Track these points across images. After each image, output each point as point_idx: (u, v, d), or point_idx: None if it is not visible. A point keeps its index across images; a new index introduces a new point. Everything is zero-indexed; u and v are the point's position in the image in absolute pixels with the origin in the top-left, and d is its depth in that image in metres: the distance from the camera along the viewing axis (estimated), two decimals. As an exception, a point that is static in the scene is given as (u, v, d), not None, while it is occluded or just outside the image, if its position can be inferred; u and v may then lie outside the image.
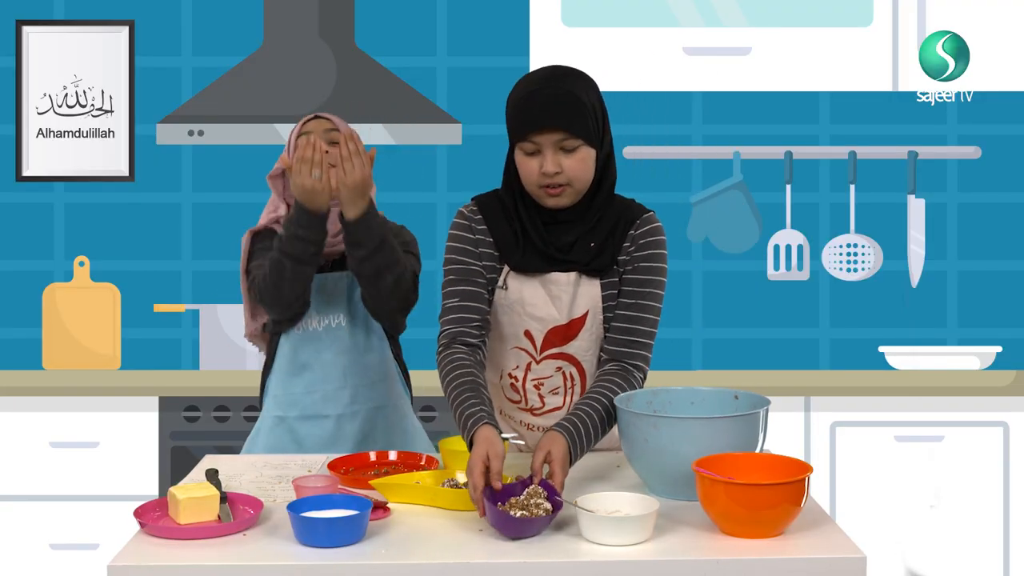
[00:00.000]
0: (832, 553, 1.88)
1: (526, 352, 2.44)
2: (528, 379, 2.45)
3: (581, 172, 2.30)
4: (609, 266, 2.39)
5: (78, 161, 4.33)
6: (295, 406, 2.74)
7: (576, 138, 2.26)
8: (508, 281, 2.41)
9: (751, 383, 3.91)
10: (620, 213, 2.40)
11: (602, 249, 2.37)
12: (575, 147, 2.27)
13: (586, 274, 2.38)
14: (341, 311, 2.74)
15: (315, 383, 2.74)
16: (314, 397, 2.74)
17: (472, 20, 4.35)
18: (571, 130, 2.25)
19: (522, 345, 2.43)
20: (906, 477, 3.86)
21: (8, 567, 3.84)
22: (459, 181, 4.34)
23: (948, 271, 4.38)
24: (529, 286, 2.39)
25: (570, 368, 2.44)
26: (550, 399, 2.46)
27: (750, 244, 4.30)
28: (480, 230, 2.42)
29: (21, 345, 4.35)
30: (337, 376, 2.74)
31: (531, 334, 2.42)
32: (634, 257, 2.39)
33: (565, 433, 2.17)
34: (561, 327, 2.40)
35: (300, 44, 4.17)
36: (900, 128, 4.34)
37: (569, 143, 2.26)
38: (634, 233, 2.39)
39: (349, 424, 2.74)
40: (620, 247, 2.39)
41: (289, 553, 1.89)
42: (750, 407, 2.26)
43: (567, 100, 2.26)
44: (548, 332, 2.41)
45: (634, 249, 2.39)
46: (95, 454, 3.88)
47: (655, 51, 4.00)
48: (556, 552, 1.88)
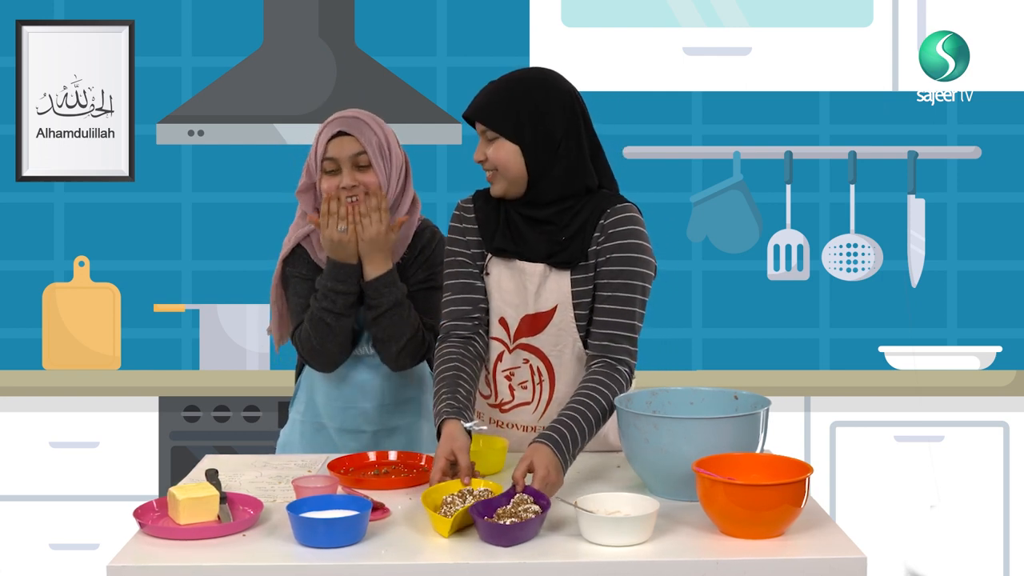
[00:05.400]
0: (832, 553, 1.88)
1: (500, 341, 2.46)
2: (499, 370, 2.47)
3: (502, 162, 2.39)
4: (577, 259, 2.39)
5: (78, 161, 4.33)
6: (335, 418, 2.73)
7: (492, 130, 2.39)
8: (490, 266, 2.46)
9: (751, 383, 3.91)
10: (593, 206, 2.42)
11: (571, 241, 2.39)
12: (493, 138, 2.40)
13: (554, 266, 2.40)
14: None
15: (353, 400, 2.71)
16: (351, 413, 2.72)
17: (472, 20, 4.35)
18: (486, 123, 2.39)
19: (496, 334, 2.47)
20: (906, 477, 3.86)
21: (8, 567, 3.85)
22: (459, 181, 4.34)
23: (948, 271, 4.38)
24: (506, 272, 2.44)
25: (537, 362, 2.44)
26: (519, 392, 2.47)
27: (750, 244, 4.30)
28: (469, 219, 2.50)
29: (21, 345, 4.35)
30: (374, 395, 2.71)
31: (505, 321, 2.45)
32: (606, 248, 2.38)
33: (548, 442, 2.17)
34: (529, 317, 2.43)
35: (300, 44, 4.17)
36: (900, 128, 4.34)
37: (490, 134, 2.40)
38: (604, 223, 2.39)
39: (387, 440, 2.73)
40: (590, 239, 2.39)
41: (289, 553, 1.89)
42: (750, 407, 2.26)
43: (493, 98, 2.40)
44: (520, 321, 2.44)
45: (604, 239, 2.39)
46: (95, 454, 3.88)
47: (655, 51, 4.00)
48: (555, 553, 1.88)
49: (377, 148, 2.61)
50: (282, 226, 4.22)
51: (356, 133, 2.60)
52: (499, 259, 2.45)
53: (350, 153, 2.60)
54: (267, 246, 4.29)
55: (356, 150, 2.60)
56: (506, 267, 2.44)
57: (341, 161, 2.59)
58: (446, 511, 2.00)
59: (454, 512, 1.97)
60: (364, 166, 2.60)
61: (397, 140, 2.69)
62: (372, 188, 2.59)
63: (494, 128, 2.38)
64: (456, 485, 2.10)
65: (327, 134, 2.61)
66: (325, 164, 2.60)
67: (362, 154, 2.60)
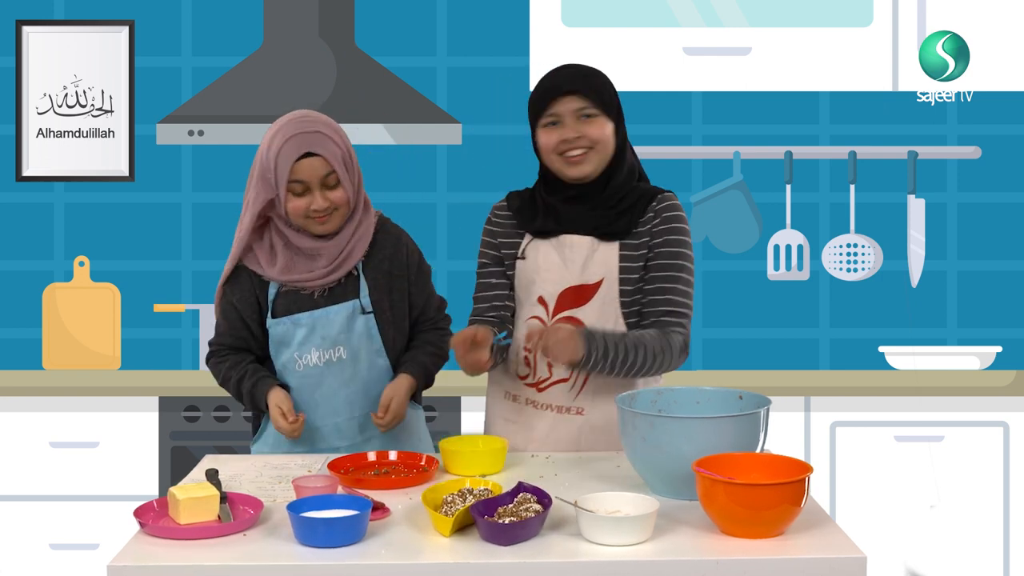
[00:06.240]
0: (832, 553, 1.88)
1: (539, 319, 2.52)
2: None
3: (601, 137, 2.45)
4: (626, 232, 2.47)
5: (78, 161, 4.33)
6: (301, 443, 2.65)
7: (594, 107, 2.43)
8: (526, 251, 2.53)
9: (751, 383, 3.91)
10: (640, 192, 2.53)
11: (619, 216, 2.48)
12: (594, 115, 2.44)
13: (602, 238, 2.47)
14: (341, 344, 2.64)
15: (323, 417, 2.65)
16: (324, 431, 2.66)
17: (472, 20, 4.35)
18: (589, 97, 2.43)
19: (535, 312, 2.52)
20: (906, 477, 3.86)
21: (8, 567, 3.85)
22: (459, 181, 4.34)
23: (948, 271, 4.38)
24: (544, 251, 2.51)
25: None
26: (557, 369, 2.51)
27: (750, 244, 4.30)
28: (502, 216, 2.60)
29: (21, 345, 4.35)
30: (343, 408, 2.66)
31: (544, 299, 2.51)
32: (660, 230, 2.48)
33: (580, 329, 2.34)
34: (573, 288, 2.49)
35: (300, 44, 4.18)
36: (900, 128, 4.34)
37: (588, 110, 2.43)
38: (656, 206, 2.49)
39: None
40: (637, 220, 2.48)
41: (289, 553, 1.89)
42: (753, 408, 2.26)
43: (585, 72, 2.47)
44: (560, 295, 2.49)
45: (659, 222, 2.49)
46: (95, 454, 3.88)
47: (655, 51, 4.00)
48: (556, 552, 1.88)
49: (342, 162, 2.55)
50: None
51: (323, 152, 2.52)
52: (539, 240, 2.52)
53: (320, 175, 2.53)
54: (267, 246, 4.30)
55: (325, 171, 2.53)
56: (548, 245, 2.52)
57: (310, 183, 2.53)
58: (446, 510, 2.00)
59: (455, 511, 1.97)
60: (333, 185, 2.55)
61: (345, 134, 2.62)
62: (340, 204, 2.56)
63: (598, 103, 2.43)
64: (456, 485, 2.11)
65: (290, 153, 2.51)
66: (293, 187, 2.54)
67: (331, 174, 2.54)
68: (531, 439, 2.55)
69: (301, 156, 2.52)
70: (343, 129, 2.63)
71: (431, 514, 1.97)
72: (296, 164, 2.52)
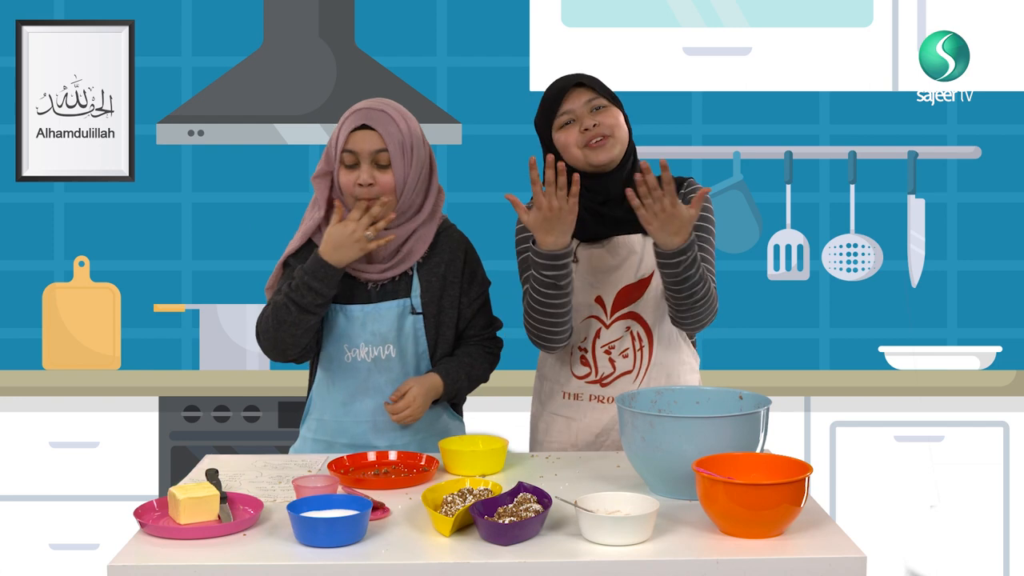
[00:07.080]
0: (832, 553, 1.88)
1: (596, 319, 2.61)
2: (598, 346, 2.62)
3: (616, 124, 2.54)
4: None
5: (78, 161, 4.33)
6: (344, 434, 2.64)
7: (602, 97, 2.54)
8: (578, 254, 2.62)
9: (751, 383, 3.91)
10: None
11: None
12: (604, 105, 2.54)
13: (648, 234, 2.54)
14: (391, 341, 2.61)
15: (364, 414, 2.62)
16: (364, 428, 2.63)
17: (472, 20, 4.35)
18: (596, 89, 2.54)
19: (593, 312, 2.61)
20: (906, 477, 3.86)
21: (8, 567, 3.85)
22: (459, 181, 4.34)
23: (948, 271, 4.38)
24: (597, 254, 2.61)
25: (638, 327, 2.61)
26: (620, 363, 2.61)
27: (750, 244, 4.30)
28: None
29: (21, 345, 4.35)
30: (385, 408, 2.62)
31: (602, 299, 2.61)
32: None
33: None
34: (630, 287, 2.59)
35: (300, 44, 4.18)
36: (900, 128, 4.34)
37: (598, 101, 2.54)
38: (684, 192, 2.61)
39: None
40: None
41: (289, 553, 1.89)
42: (753, 407, 2.26)
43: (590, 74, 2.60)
44: (618, 294, 2.60)
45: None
46: (95, 454, 3.88)
47: (655, 51, 4.00)
48: (556, 552, 1.88)
49: (399, 145, 2.52)
50: (282, 226, 4.25)
51: (379, 128, 2.51)
52: (588, 245, 2.60)
53: (371, 149, 2.51)
54: (267, 246, 4.30)
55: (377, 146, 2.51)
56: (600, 248, 2.60)
57: (361, 155, 2.51)
58: (447, 510, 2.00)
59: (455, 511, 1.97)
60: (383, 165, 2.52)
61: (423, 134, 2.59)
62: (386, 190, 2.52)
63: (605, 94, 2.55)
64: (456, 485, 2.11)
65: (349, 125, 2.52)
66: (344, 156, 2.52)
67: (383, 151, 2.52)
68: (597, 431, 2.64)
69: (357, 127, 2.53)
70: (416, 122, 2.60)
71: (431, 514, 1.97)
72: (352, 134, 2.53)
